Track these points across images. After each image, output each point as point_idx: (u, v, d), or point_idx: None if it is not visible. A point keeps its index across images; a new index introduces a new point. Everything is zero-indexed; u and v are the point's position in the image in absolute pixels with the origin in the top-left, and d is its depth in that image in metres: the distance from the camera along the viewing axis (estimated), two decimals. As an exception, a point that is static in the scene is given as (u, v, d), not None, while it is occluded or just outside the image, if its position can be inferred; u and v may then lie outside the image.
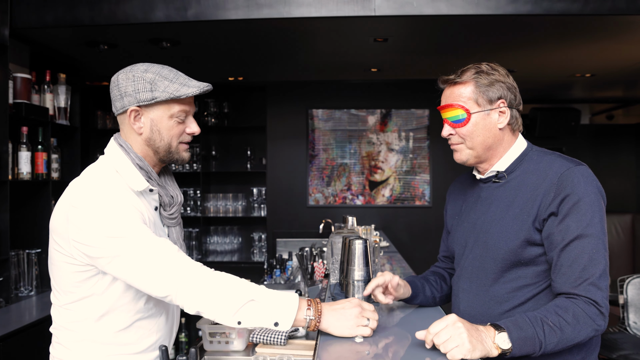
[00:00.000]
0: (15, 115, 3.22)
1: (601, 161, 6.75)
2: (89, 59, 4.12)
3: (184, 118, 1.56)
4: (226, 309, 1.41)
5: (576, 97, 6.46)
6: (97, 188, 1.47)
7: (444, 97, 1.66)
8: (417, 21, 3.24)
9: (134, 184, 1.51)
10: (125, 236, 1.41)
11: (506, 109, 1.59)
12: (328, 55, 4.22)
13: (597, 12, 3.02)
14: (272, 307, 1.43)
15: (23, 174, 3.31)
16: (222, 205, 5.78)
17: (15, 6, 3.17)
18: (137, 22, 3.15)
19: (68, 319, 1.54)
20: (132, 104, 1.51)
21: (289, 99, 5.66)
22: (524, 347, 1.33)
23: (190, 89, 1.51)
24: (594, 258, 1.42)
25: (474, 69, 1.60)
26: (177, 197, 1.65)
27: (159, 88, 1.49)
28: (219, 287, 1.42)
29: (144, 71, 1.51)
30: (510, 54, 4.17)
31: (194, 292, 1.40)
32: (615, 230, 6.11)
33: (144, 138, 1.54)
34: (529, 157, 1.61)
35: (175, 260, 1.43)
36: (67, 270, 1.49)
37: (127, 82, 1.51)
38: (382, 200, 5.61)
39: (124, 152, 1.54)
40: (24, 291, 3.35)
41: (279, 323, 1.43)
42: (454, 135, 1.63)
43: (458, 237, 1.75)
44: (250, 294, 1.42)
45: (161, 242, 1.45)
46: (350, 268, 1.82)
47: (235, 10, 3.10)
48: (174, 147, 1.57)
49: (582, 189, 1.45)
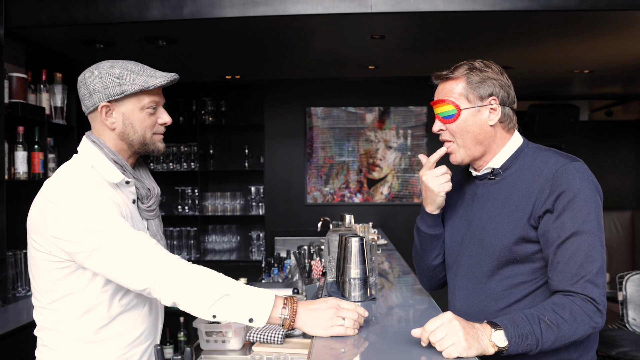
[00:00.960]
0: (11, 114, 3.21)
1: (600, 157, 6.74)
2: (85, 58, 4.11)
3: (155, 109, 1.59)
4: (201, 302, 1.42)
5: (575, 93, 6.45)
6: (73, 183, 1.49)
7: (437, 92, 1.66)
8: (414, 18, 3.22)
9: (110, 176, 1.53)
10: (103, 229, 1.42)
11: (497, 106, 1.58)
12: (325, 52, 4.21)
13: (595, 8, 3.01)
14: (248, 302, 1.44)
15: (19, 174, 3.30)
16: (220, 204, 5.77)
17: (10, 5, 3.16)
18: (133, 20, 3.14)
19: (51, 319, 1.54)
20: (102, 100, 1.53)
21: (287, 97, 5.65)
22: (520, 345, 1.32)
23: (158, 79, 1.54)
24: (591, 255, 1.41)
25: (466, 65, 1.60)
26: (154, 189, 1.67)
27: (127, 81, 1.52)
28: (195, 280, 1.43)
29: (110, 67, 1.53)
30: (508, 51, 4.15)
31: (170, 284, 1.42)
32: (614, 227, 6.10)
33: (117, 133, 1.56)
34: (525, 154, 1.60)
35: (153, 253, 1.44)
36: (47, 268, 1.49)
37: (94, 79, 1.52)
38: (380, 198, 5.60)
39: (98, 148, 1.56)
40: (21, 291, 3.34)
41: (253, 319, 1.44)
42: (444, 130, 1.64)
43: (453, 234, 1.74)
44: (225, 288, 1.43)
45: (139, 235, 1.46)
46: (346, 266, 1.82)
47: (231, 8, 3.09)
48: (148, 138, 1.59)
49: (577, 185, 1.44)
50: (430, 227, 1.77)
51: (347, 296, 1.83)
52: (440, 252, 1.80)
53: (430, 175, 1.68)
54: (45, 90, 3.63)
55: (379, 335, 1.53)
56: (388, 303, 1.93)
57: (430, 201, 1.71)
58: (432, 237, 1.77)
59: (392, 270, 2.85)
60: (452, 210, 1.78)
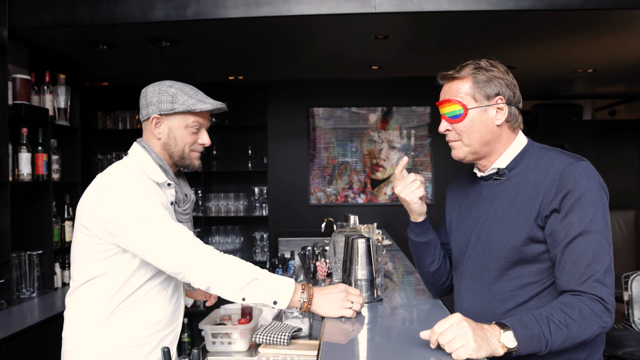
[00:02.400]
0: (15, 116, 3.21)
1: (604, 157, 6.72)
2: (89, 59, 4.11)
3: (198, 130, 1.79)
4: (233, 286, 1.59)
5: (578, 92, 6.44)
6: (125, 176, 1.69)
7: (443, 92, 1.65)
8: (418, 18, 3.22)
9: (155, 176, 1.74)
10: (149, 216, 1.61)
11: (504, 105, 1.57)
12: (328, 53, 4.21)
13: (599, 7, 3.00)
14: (273, 287, 1.62)
15: (23, 176, 3.29)
16: (224, 205, 5.77)
17: (13, 7, 3.16)
18: (136, 21, 3.13)
19: (83, 298, 1.71)
20: (154, 112, 1.74)
21: (290, 97, 5.64)
22: (529, 346, 1.31)
23: (205, 105, 1.74)
24: (599, 254, 1.40)
25: (472, 65, 1.59)
26: (190, 195, 1.86)
27: (179, 101, 1.73)
28: (228, 266, 1.61)
29: (169, 86, 1.75)
30: (512, 50, 4.14)
31: (205, 269, 1.59)
32: (618, 226, 6.08)
33: (162, 143, 1.77)
34: (530, 154, 1.60)
35: (191, 241, 1.62)
36: (91, 250, 1.68)
37: (153, 93, 1.75)
38: (384, 199, 5.59)
39: (146, 152, 1.76)
40: (26, 293, 3.34)
41: (277, 302, 1.62)
42: (450, 131, 1.63)
43: (459, 235, 1.73)
44: (255, 274, 1.61)
45: (179, 225, 1.65)
46: (353, 267, 1.81)
47: (235, 9, 3.08)
48: (186, 153, 1.79)
49: (584, 184, 1.43)
50: (418, 235, 1.78)
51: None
52: (434, 258, 1.80)
53: (401, 186, 1.71)
54: (49, 91, 3.63)
55: (387, 338, 1.52)
56: (392, 304, 1.92)
57: (409, 210, 1.74)
58: (422, 244, 1.78)
59: (396, 271, 2.84)
60: (458, 211, 1.77)
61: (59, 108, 3.73)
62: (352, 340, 1.46)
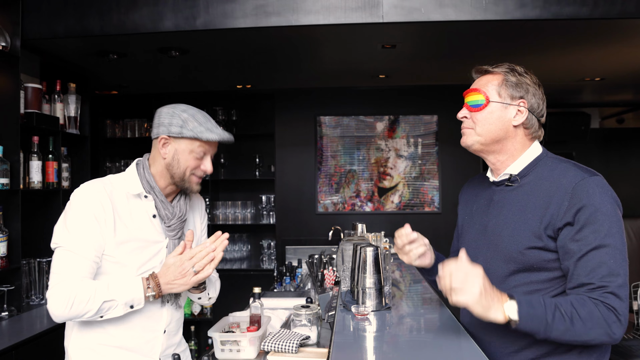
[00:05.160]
0: (26, 124, 3.25)
1: (612, 165, 6.69)
2: (98, 68, 4.16)
3: (202, 156, 1.83)
4: (88, 313, 1.64)
5: (586, 101, 6.42)
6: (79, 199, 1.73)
7: (473, 84, 1.70)
8: (425, 27, 3.23)
9: (130, 188, 1.81)
10: (62, 245, 1.68)
11: (525, 110, 1.61)
12: (336, 62, 4.23)
13: (606, 16, 3.00)
14: (124, 298, 1.68)
15: (34, 183, 3.33)
16: (231, 212, 5.79)
17: (26, 17, 3.20)
18: (147, 31, 3.17)
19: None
20: (163, 133, 1.80)
21: (297, 106, 5.67)
22: (529, 324, 1.35)
23: (212, 135, 1.79)
24: (613, 269, 1.40)
25: (508, 65, 1.66)
26: (178, 212, 1.89)
27: (188, 126, 1.78)
28: (80, 297, 1.63)
29: (183, 110, 1.81)
30: (519, 59, 4.14)
31: (59, 300, 1.64)
32: (627, 235, 6.04)
33: (166, 162, 1.82)
34: (543, 163, 1.62)
35: (63, 277, 1.66)
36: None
37: (166, 115, 1.80)
38: (391, 207, 5.60)
39: (136, 168, 1.85)
40: (35, 300, 3.36)
41: (134, 306, 1.70)
42: (467, 119, 1.66)
43: (469, 239, 1.75)
44: (103, 295, 1.65)
45: (75, 260, 1.68)
46: (361, 275, 1.82)
47: (244, 19, 3.11)
48: (186, 176, 1.83)
49: (598, 199, 1.44)
50: (429, 274, 1.87)
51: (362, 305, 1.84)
52: None
53: (399, 254, 1.80)
54: (59, 100, 3.67)
55: (394, 346, 1.53)
56: (400, 312, 1.93)
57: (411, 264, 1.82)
58: (434, 281, 1.82)
59: (403, 279, 2.84)
60: (469, 215, 1.79)
61: (69, 116, 3.77)
62: (360, 348, 1.46)
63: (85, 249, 1.69)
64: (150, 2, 3.15)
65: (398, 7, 3.05)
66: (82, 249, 1.68)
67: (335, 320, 1.82)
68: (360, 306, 1.80)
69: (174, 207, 1.88)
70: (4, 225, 3.06)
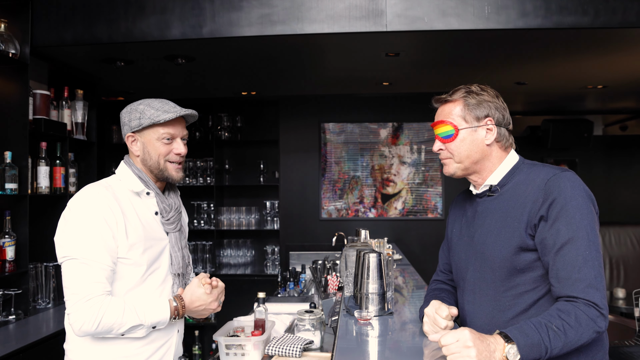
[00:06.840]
0: (34, 130, 3.29)
1: (615, 172, 6.70)
2: (106, 75, 4.21)
3: (170, 140, 1.82)
4: (115, 331, 1.68)
5: (589, 108, 6.44)
6: (84, 204, 1.73)
7: (437, 114, 1.76)
8: (428, 36, 3.27)
9: (133, 186, 1.83)
10: (74, 257, 1.69)
11: (493, 126, 1.67)
12: (340, 69, 4.27)
13: (608, 26, 3.03)
14: (150, 323, 1.73)
15: (42, 188, 3.37)
16: (236, 218, 5.83)
17: (35, 25, 3.25)
18: (154, 39, 3.21)
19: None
20: (128, 131, 1.83)
21: (302, 112, 5.71)
22: (530, 354, 1.36)
23: (168, 115, 1.78)
24: (588, 259, 1.45)
25: (464, 89, 1.71)
26: (174, 205, 1.91)
27: (145, 116, 1.78)
28: (110, 317, 1.66)
29: (139, 104, 1.82)
30: (521, 67, 4.18)
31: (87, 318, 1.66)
32: (630, 242, 6.04)
33: (140, 159, 1.85)
34: (520, 170, 1.69)
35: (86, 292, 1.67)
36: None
37: (125, 114, 1.83)
38: (394, 213, 5.62)
39: (127, 166, 1.87)
40: (42, 304, 3.40)
41: (156, 327, 1.75)
42: (443, 150, 1.72)
43: (459, 251, 1.80)
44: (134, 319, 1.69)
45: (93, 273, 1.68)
46: (364, 281, 1.85)
47: (250, 27, 3.16)
48: (161, 165, 1.83)
49: (569, 192, 1.50)
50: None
51: (365, 310, 1.86)
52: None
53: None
54: (67, 106, 3.72)
55: (394, 351, 1.56)
56: (402, 318, 1.95)
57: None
58: None
59: (406, 285, 2.87)
60: (457, 229, 1.85)
61: (76, 122, 3.82)
62: (362, 353, 1.49)
63: (101, 257, 1.67)
64: (158, 10, 3.20)
65: (402, 17, 3.09)
66: (97, 257, 1.66)
67: (338, 325, 1.85)
68: (363, 311, 1.83)
69: (168, 200, 1.90)
70: (12, 230, 3.10)
